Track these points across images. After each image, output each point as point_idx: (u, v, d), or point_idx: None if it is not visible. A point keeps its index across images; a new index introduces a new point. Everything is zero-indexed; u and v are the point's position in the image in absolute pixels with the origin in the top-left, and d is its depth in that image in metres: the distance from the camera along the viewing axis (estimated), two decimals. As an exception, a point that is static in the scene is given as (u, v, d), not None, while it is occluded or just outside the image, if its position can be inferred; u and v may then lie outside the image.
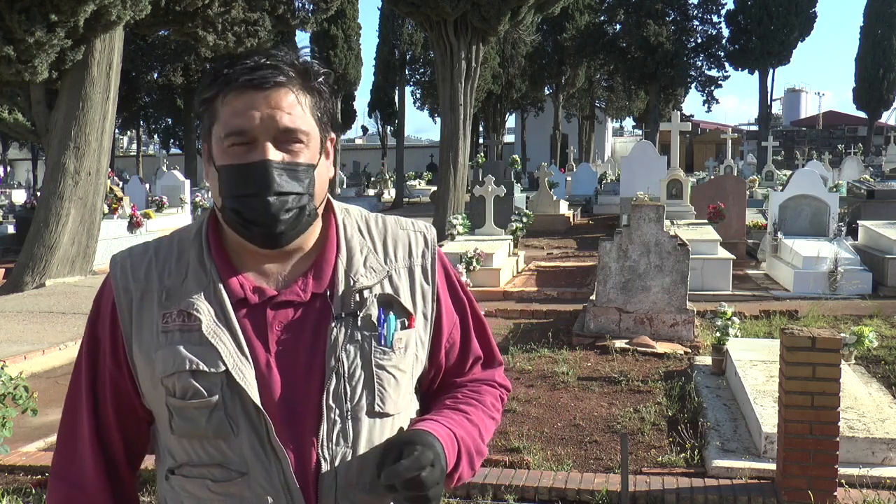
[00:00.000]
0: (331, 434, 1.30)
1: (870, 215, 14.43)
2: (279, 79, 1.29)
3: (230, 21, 15.45)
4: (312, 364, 1.31)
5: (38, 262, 11.94)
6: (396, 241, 1.44)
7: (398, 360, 1.37)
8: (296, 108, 1.30)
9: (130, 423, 1.41)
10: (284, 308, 1.34)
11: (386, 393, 1.35)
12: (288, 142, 1.30)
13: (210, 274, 1.34)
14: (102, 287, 1.42)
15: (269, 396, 1.29)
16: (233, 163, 1.29)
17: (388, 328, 1.36)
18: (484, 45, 19.21)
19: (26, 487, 4.54)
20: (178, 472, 1.34)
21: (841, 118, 55.01)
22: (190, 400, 1.29)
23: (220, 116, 1.30)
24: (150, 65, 34.45)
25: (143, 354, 1.33)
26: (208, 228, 1.39)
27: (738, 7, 37.00)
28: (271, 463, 1.28)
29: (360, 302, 1.35)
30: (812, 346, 4.20)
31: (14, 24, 10.59)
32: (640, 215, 8.06)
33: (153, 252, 1.40)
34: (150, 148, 50.40)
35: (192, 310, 1.31)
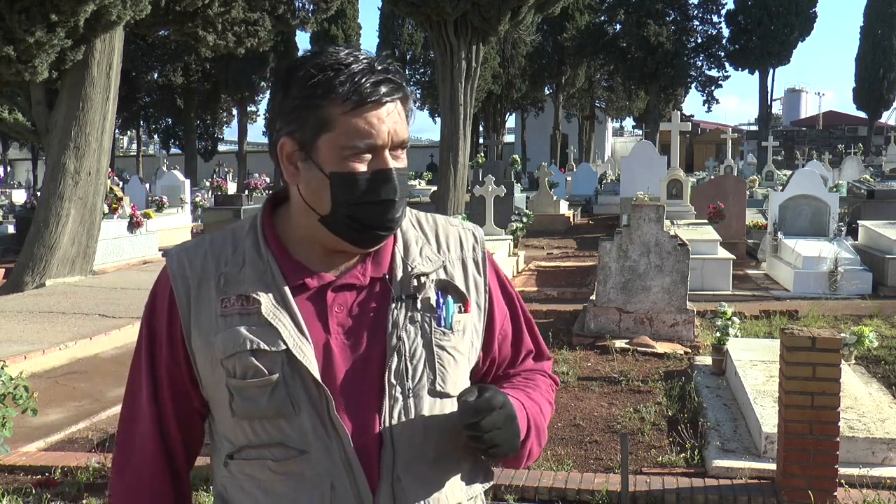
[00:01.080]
0: (392, 411, 1.33)
1: (870, 215, 14.43)
2: (398, 94, 1.35)
3: (230, 21, 15.45)
4: (373, 344, 1.35)
5: (38, 262, 11.93)
6: (448, 235, 1.49)
7: (457, 342, 1.41)
8: (403, 118, 1.37)
9: (187, 414, 1.45)
10: (343, 291, 1.38)
11: (446, 373, 1.38)
12: (398, 150, 1.36)
13: (267, 261, 1.38)
14: (157, 282, 1.45)
15: (330, 375, 1.32)
16: (355, 171, 1.32)
17: (447, 311, 1.40)
18: (484, 44, 19.22)
19: (26, 487, 4.54)
20: (238, 455, 1.36)
21: (841, 118, 55.02)
22: (251, 379, 1.31)
23: (338, 126, 1.31)
24: (151, 65, 34.48)
25: (201, 340, 1.36)
26: (263, 221, 1.43)
27: (738, 7, 37.03)
28: (332, 440, 1.30)
29: (418, 286, 1.40)
30: (812, 346, 4.20)
31: (14, 24, 10.58)
32: (640, 215, 8.06)
33: (208, 244, 1.43)
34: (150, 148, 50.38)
35: (251, 293, 1.34)
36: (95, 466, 4.77)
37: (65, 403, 6.55)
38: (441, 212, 18.02)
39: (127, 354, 8.19)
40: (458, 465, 1.41)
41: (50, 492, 4.46)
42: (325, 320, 1.35)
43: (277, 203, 1.46)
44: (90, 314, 9.43)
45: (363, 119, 1.31)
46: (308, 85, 1.32)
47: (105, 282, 12.07)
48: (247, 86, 35.28)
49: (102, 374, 7.49)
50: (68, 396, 6.75)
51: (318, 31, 29.34)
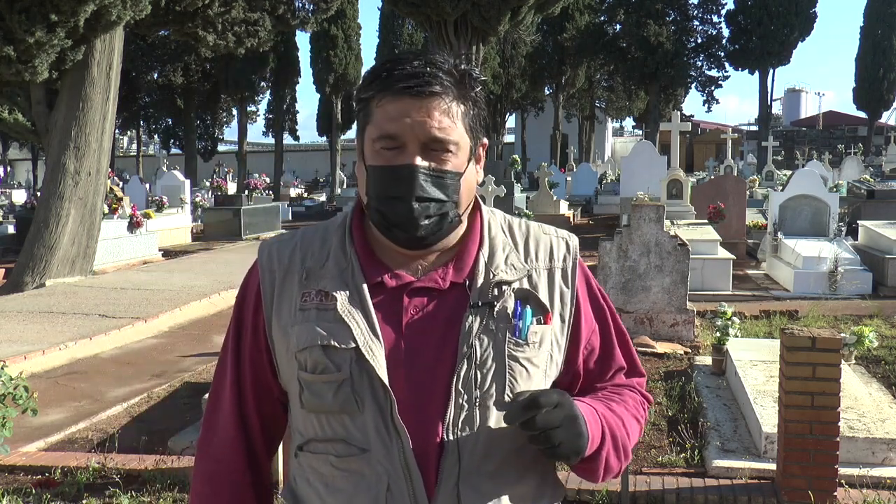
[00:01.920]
0: (457, 419, 1.31)
1: (870, 215, 14.44)
2: (435, 88, 1.32)
3: (230, 21, 15.45)
4: (444, 349, 1.33)
5: (38, 262, 11.93)
6: (538, 242, 1.46)
7: (532, 354, 1.37)
8: (446, 117, 1.33)
9: (266, 402, 1.48)
10: (421, 294, 1.37)
11: (517, 384, 1.34)
12: (437, 150, 1.33)
13: (350, 259, 1.39)
14: (249, 272, 1.48)
15: (398, 377, 1.31)
16: (381, 164, 1.34)
17: (524, 321, 1.37)
18: (484, 45, 19.23)
19: (26, 487, 4.54)
20: (306, 448, 1.39)
21: (841, 118, 55.00)
22: (320, 374, 1.33)
23: (373, 118, 1.34)
24: (151, 65, 34.46)
25: (280, 330, 1.39)
26: (352, 218, 1.44)
27: (738, 7, 37.00)
28: (392, 441, 1.30)
29: (497, 294, 1.37)
30: (812, 346, 4.20)
31: (14, 24, 10.59)
32: (640, 215, 8.06)
33: (299, 238, 1.46)
34: (150, 148, 50.37)
35: (329, 290, 1.36)
36: (95, 467, 4.76)
37: (65, 403, 6.55)
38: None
39: (127, 354, 8.21)
40: (522, 481, 1.38)
41: (50, 492, 4.46)
42: (398, 321, 1.35)
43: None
44: (90, 314, 9.43)
45: (389, 110, 1.32)
46: (365, 82, 1.37)
47: (105, 282, 12.07)
48: (247, 86, 35.27)
49: (102, 374, 7.49)
50: (68, 396, 6.75)
51: (318, 31, 29.34)
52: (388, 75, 1.33)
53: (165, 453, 5.04)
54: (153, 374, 7.38)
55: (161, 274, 12.90)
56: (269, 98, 40.36)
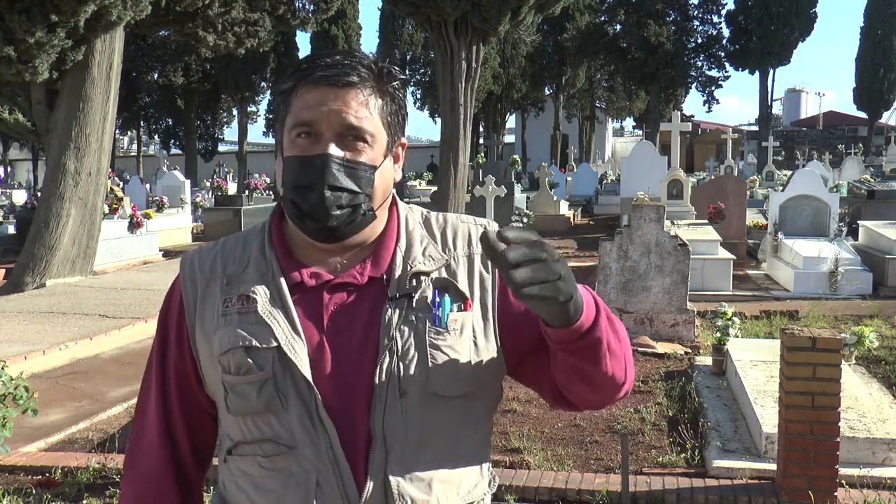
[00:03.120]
0: (382, 411, 1.32)
1: (870, 215, 14.44)
2: (352, 78, 1.33)
3: (230, 21, 15.44)
4: (366, 343, 1.34)
5: (39, 262, 11.93)
6: (456, 231, 1.46)
7: (453, 341, 1.36)
8: (364, 108, 1.34)
9: (194, 413, 1.48)
10: (340, 291, 1.38)
11: (440, 373, 1.34)
12: (352, 140, 1.34)
13: (270, 262, 1.40)
14: (172, 285, 1.49)
15: (321, 373, 1.32)
16: (296, 154, 1.35)
17: (443, 309, 1.37)
18: (484, 45, 19.21)
19: (27, 487, 4.54)
20: (234, 451, 1.39)
21: (841, 118, 54.97)
22: (243, 375, 1.34)
23: (292, 108, 1.36)
24: (151, 65, 34.48)
25: (204, 337, 1.40)
26: (272, 221, 1.46)
27: (738, 7, 37.02)
28: (319, 437, 1.31)
29: (415, 285, 1.38)
30: (812, 346, 4.20)
31: (14, 25, 10.59)
32: (640, 215, 8.06)
33: (220, 246, 1.48)
34: (151, 148, 50.37)
35: (250, 293, 1.37)
36: (96, 467, 4.76)
37: (65, 404, 6.55)
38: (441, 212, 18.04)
39: (127, 354, 8.21)
40: (455, 470, 1.38)
41: (50, 492, 4.46)
42: (320, 319, 1.36)
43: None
44: (90, 314, 9.43)
45: (304, 98, 1.34)
46: (285, 78, 1.39)
47: (105, 282, 12.07)
48: (247, 86, 35.29)
49: (103, 374, 7.49)
50: (69, 397, 6.75)
51: (318, 31, 29.35)
52: (308, 67, 1.35)
53: (166, 453, 5.04)
54: (153, 375, 7.37)
55: (161, 274, 12.90)
56: (269, 98, 40.37)
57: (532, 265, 1.11)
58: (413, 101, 42.69)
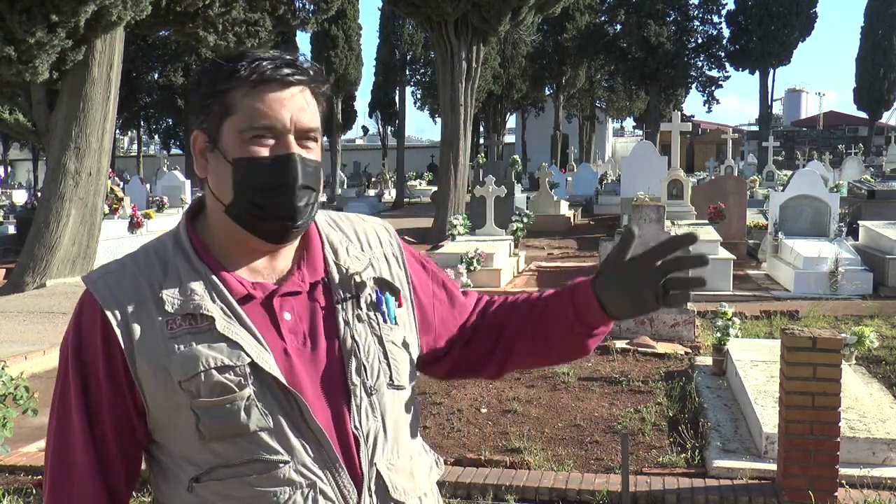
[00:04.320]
0: (360, 409, 1.34)
1: (870, 215, 14.44)
2: (302, 77, 1.33)
3: (231, 21, 15.45)
4: (328, 346, 1.35)
5: (39, 262, 11.94)
6: (366, 232, 1.51)
7: (401, 335, 1.43)
8: (311, 107, 1.35)
9: (130, 447, 1.37)
10: (287, 298, 1.36)
11: (399, 365, 1.41)
12: (306, 139, 1.34)
13: (205, 276, 1.33)
14: (81, 311, 1.36)
15: (294, 381, 1.31)
16: (256, 156, 1.30)
17: (388, 306, 1.43)
18: (484, 45, 19.23)
19: (27, 487, 4.54)
20: (207, 477, 1.31)
21: (841, 118, 54.98)
22: (219, 397, 1.28)
23: (239, 109, 1.31)
24: (151, 65, 34.46)
25: (149, 366, 1.29)
26: (188, 235, 1.38)
27: (738, 7, 36.98)
28: (311, 444, 1.30)
29: (358, 284, 1.41)
30: (813, 346, 4.20)
31: (15, 25, 10.59)
32: (640, 215, 8.06)
33: (131, 265, 1.37)
34: (151, 148, 50.40)
35: (200, 311, 1.30)
36: (96, 467, 4.76)
37: (65, 404, 6.55)
38: (442, 212, 18.04)
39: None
40: (420, 456, 1.46)
41: (50, 492, 4.45)
42: (277, 329, 1.33)
43: (194, 215, 1.42)
44: (91, 314, 9.43)
45: (262, 100, 1.30)
46: (214, 74, 1.33)
47: (105, 282, 12.06)
48: (247, 86, 35.25)
49: (103, 374, 7.49)
50: (69, 397, 6.75)
51: (318, 31, 29.33)
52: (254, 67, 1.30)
53: (166, 453, 5.04)
54: (154, 375, 7.37)
55: (161, 274, 12.89)
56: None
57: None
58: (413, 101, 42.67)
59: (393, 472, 1.37)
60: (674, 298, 1.36)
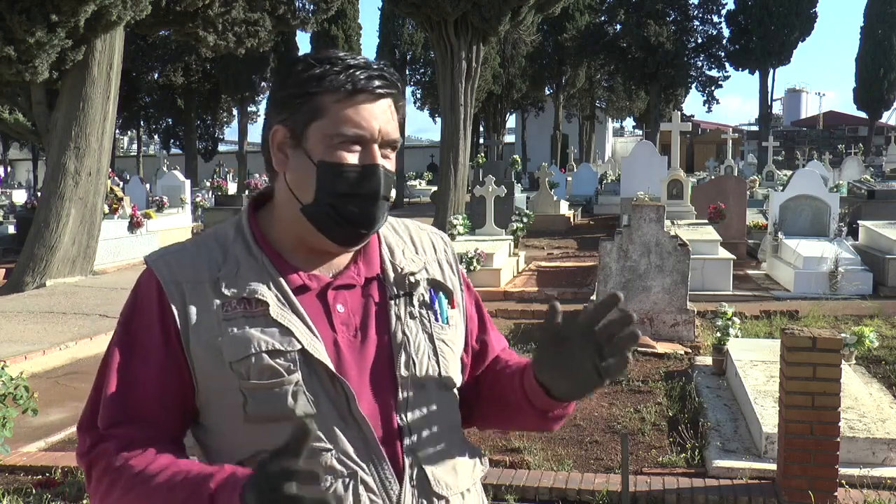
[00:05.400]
0: (406, 403, 1.37)
1: (870, 215, 14.43)
2: (391, 91, 1.37)
3: (230, 21, 15.45)
4: (379, 340, 1.38)
5: (39, 262, 11.94)
6: (422, 239, 1.54)
7: (452, 336, 1.46)
8: (395, 119, 1.39)
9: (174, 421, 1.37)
10: (342, 290, 1.40)
11: (448, 364, 1.43)
12: (388, 150, 1.38)
13: (263, 263, 1.37)
14: (140, 287, 1.39)
15: (343, 371, 1.33)
16: (342, 161, 1.34)
17: (441, 306, 1.46)
18: (484, 45, 19.21)
19: (27, 487, 4.54)
20: (251, 462, 1.28)
21: (841, 118, 54.98)
22: (268, 380, 1.30)
23: (330, 114, 1.34)
24: (151, 65, 34.48)
25: (202, 345, 1.32)
26: (250, 224, 1.42)
27: (738, 7, 36.98)
28: (354, 434, 1.32)
29: (412, 284, 1.44)
30: (813, 346, 4.20)
31: (15, 25, 10.59)
32: (640, 215, 8.06)
33: (192, 248, 1.42)
34: (151, 148, 50.39)
35: (255, 296, 1.33)
36: (96, 466, 4.76)
37: (65, 403, 6.55)
38: (442, 212, 18.03)
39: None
40: (464, 452, 1.46)
41: (50, 492, 4.46)
42: (329, 320, 1.36)
43: (259, 206, 1.46)
44: (91, 314, 9.43)
45: (354, 109, 1.33)
46: (305, 75, 1.35)
47: (105, 282, 12.07)
48: (247, 86, 35.26)
49: (103, 374, 7.49)
50: (69, 396, 6.76)
51: (318, 31, 29.33)
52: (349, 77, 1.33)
53: (166, 453, 5.04)
54: (154, 374, 7.37)
55: (161, 274, 12.89)
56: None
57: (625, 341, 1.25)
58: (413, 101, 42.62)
59: (435, 467, 1.38)
60: (613, 367, 1.26)
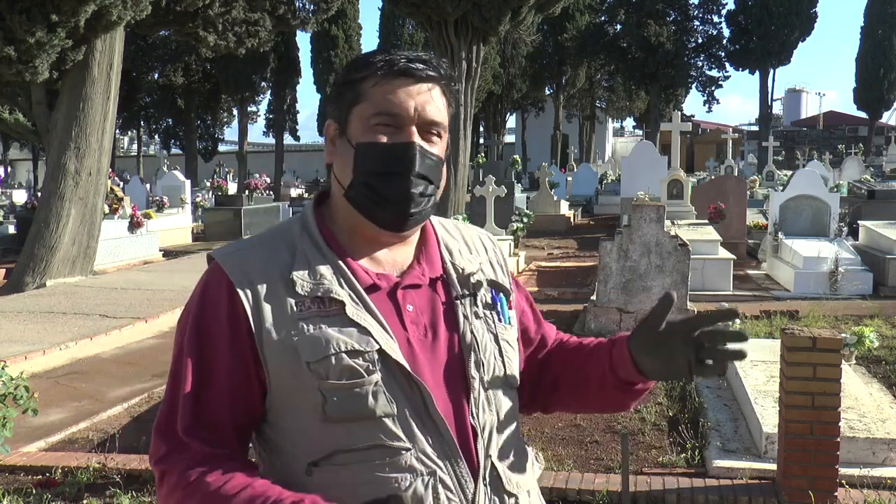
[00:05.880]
0: (478, 403, 1.38)
1: (870, 215, 14.43)
2: (432, 73, 1.39)
3: (231, 21, 15.45)
4: (448, 340, 1.40)
5: (39, 262, 11.94)
6: (473, 239, 1.56)
7: (513, 335, 1.49)
8: (440, 103, 1.40)
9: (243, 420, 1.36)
10: (410, 291, 1.41)
11: (512, 364, 1.46)
12: (429, 133, 1.39)
13: (334, 262, 1.38)
14: (208, 283, 1.38)
15: (418, 371, 1.34)
16: (376, 141, 1.36)
17: (503, 307, 1.49)
18: (484, 45, 19.22)
19: (27, 487, 4.54)
20: (328, 461, 1.31)
21: (841, 118, 55.00)
22: (348, 380, 1.30)
23: (369, 97, 1.37)
24: (151, 65, 34.51)
25: (277, 344, 1.31)
26: (316, 221, 1.43)
27: (738, 7, 37.02)
28: (431, 433, 1.33)
29: (474, 284, 1.46)
30: (813, 346, 4.20)
31: (15, 25, 10.59)
32: (640, 215, 8.06)
33: (260, 245, 1.42)
34: (151, 148, 50.40)
35: (330, 295, 1.34)
36: (96, 467, 4.76)
37: (65, 403, 6.55)
38: (441, 212, 18.04)
39: (127, 354, 8.20)
40: (525, 451, 1.50)
41: (50, 492, 4.46)
42: (400, 319, 1.37)
43: (319, 203, 1.48)
44: (91, 314, 9.43)
45: (389, 89, 1.36)
46: (351, 65, 1.42)
47: (106, 282, 12.08)
48: (247, 86, 35.28)
49: (103, 374, 7.49)
50: (69, 396, 6.76)
51: (318, 31, 29.35)
52: (388, 60, 1.37)
53: (166, 453, 5.04)
54: (154, 374, 7.38)
55: (162, 274, 12.91)
56: (269, 98, 40.34)
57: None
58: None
59: (506, 465, 1.41)
60: (708, 369, 1.38)
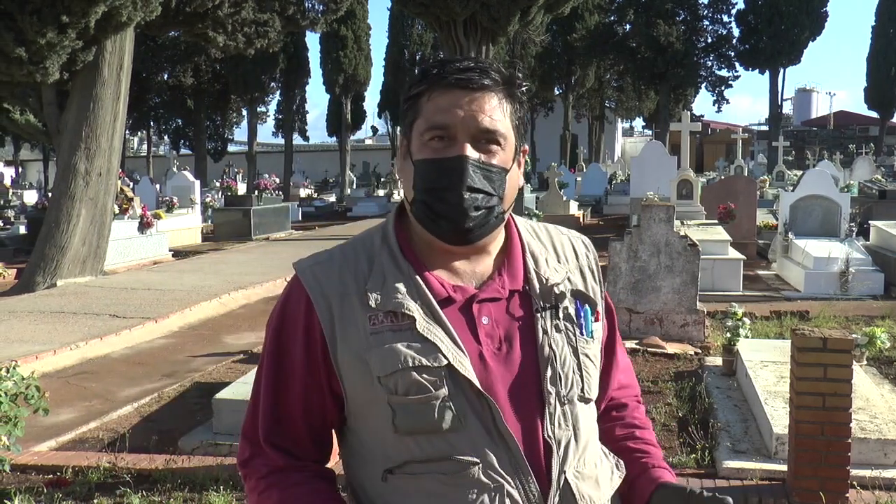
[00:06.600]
0: (553, 417, 1.36)
1: (881, 215, 14.37)
2: (486, 81, 1.35)
3: (240, 22, 15.47)
4: (525, 353, 1.37)
5: (50, 262, 11.99)
6: (563, 244, 1.52)
7: (596, 350, 1.46)
8: (497, 111, 1.36)
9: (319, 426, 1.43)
10: (487, 303, 1.38)
11: (591, 379, 1.43)
12: (486, 143, 1.35)
13: (409, 275, 1.37)
14: (288, 296, 1.41)
15: (488, 386, 1.33)
16: (430, 157, 1.34)
17: (587, 320, 1.45)
18: (493, 45, 19.21)
19: (38, 487, 4.56)
20: (400, 470, 1.34)
21: (852, 118, 54.74)
22: (415, 396, 1.31)
23: (423, 112, 1.36)
24: (161, 66, 34.57)
25: (351, 357, 1.34)
26: (396, 233, 1.42)
27: (748, 7, 36.87)
28: (501, 449, 1.32)
29: (557, 296, 1.42)
30: (823, 346, 4.18)
31: (26, 26, 10.64)
32: (650, 215, 8.04)
33: (339, 258, 1.42)
34: (161, 149, 50.51)
35: (402, 310, 1.33)
36: (106, 466, 4.78)
37: (76, 403, 6.58)
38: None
39: (137, 354, 8.23)
40: (603, 463, 1.46)
41: (61, 491, 4.48)
42: (474, 332, 1.35)
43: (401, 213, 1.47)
44: (101, 314, 9.46)
45: (440, 103, 1.34)
46: (413, 80, 1.39)
47: (116, 282, 12.12)
48: (256, 86, 35.30)
49: (113, 374, 7.52)
50: (79, 396, 6.78)
51: (328, 31, 29.36)
52: (440, 72, 1.35)
53: (176, 453, 5.06)
54: (164, 374, 7.40)
55: (171, 274, 12.94)
56: (278, 99, 40.37)
57: None
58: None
59: (580, 481, 1.38)
60: None
